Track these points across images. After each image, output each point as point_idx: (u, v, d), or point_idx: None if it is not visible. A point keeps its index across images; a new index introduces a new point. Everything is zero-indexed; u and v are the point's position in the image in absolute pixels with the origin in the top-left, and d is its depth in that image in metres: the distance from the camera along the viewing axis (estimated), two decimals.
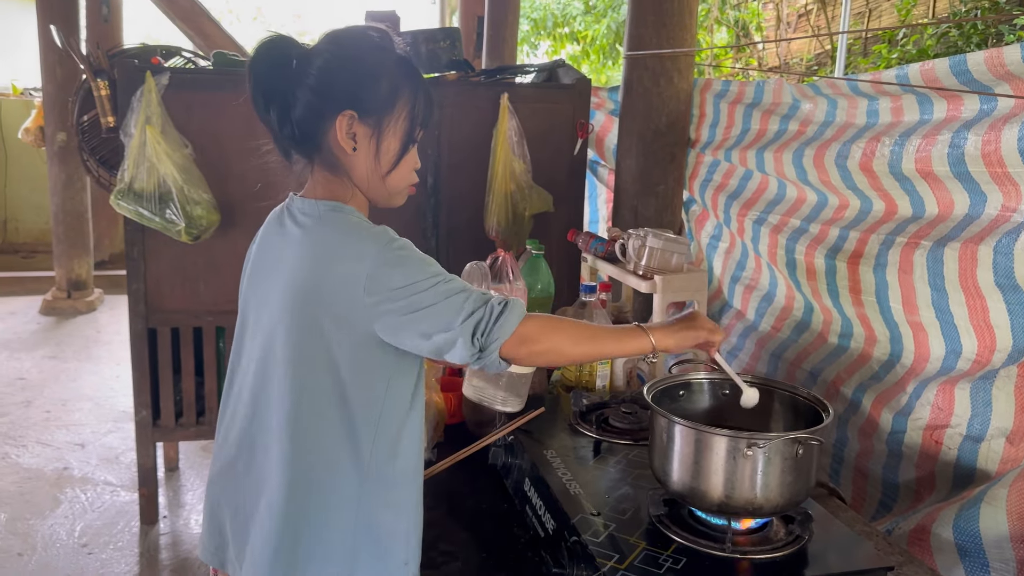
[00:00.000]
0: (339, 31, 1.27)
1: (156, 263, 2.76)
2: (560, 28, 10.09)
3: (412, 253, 1.19)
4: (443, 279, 1.17)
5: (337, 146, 1.24)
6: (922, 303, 1.79)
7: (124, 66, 2.63)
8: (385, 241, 1.18)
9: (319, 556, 1.23)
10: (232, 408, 1.34)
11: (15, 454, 3.65)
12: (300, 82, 1.21)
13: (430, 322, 1.14)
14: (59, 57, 5.53)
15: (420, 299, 1.14)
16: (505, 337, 1.15)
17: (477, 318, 1.14)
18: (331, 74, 1.22)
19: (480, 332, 1.15)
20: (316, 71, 1.21)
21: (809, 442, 1.12)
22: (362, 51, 1.25)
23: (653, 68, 2.70)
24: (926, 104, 1.80)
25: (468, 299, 1.16)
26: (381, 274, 1.15)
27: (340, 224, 1.22)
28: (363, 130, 1.23)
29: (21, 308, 6.12)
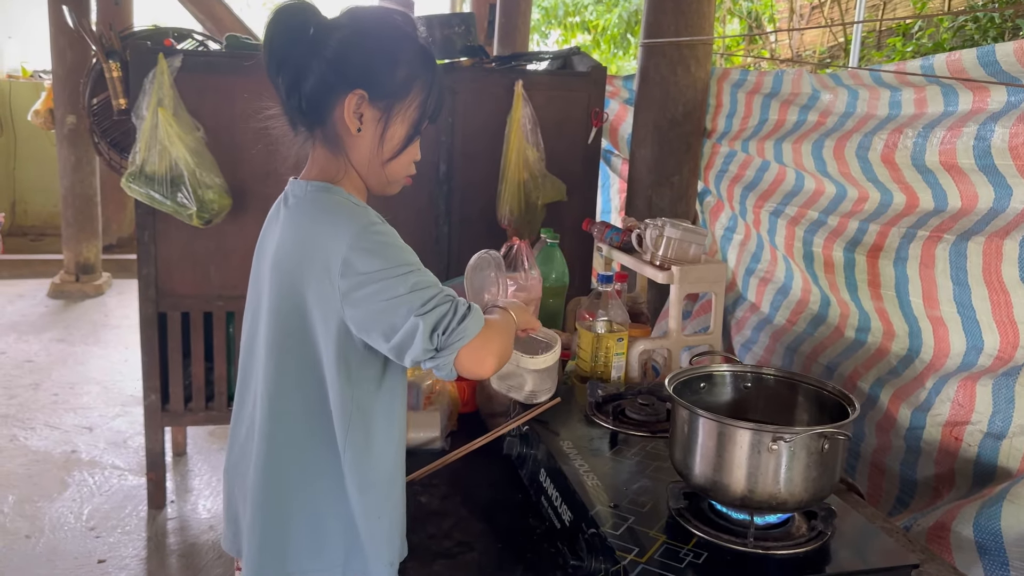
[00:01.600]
0: (363, 8, 1.24)
1: (166, 247, 2.75)
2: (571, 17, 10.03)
3: (390, 239, 1.15)
4: (416, 270, 1.14)
5: (342, 124, 1.21)
6: (943, 297, 1.77)
7: (137, 48, 2.61)
8: (364, 224, 1.14)
9: (307, 551, 1.23)
10: (240, 394, 1.34)
11: (23, 436, 3.65)
12: (316, 53, 1.18)
13: (395, 313, 1.10)
14: (69, 39, 5.51)
15: (391, 286, 1.10)
16: (465, 341, 1.11)
17: (439, 314, 1.11)
18: (348, 50, 1.19)
19: (441, 329, 1.11)
20: (334, 44, 1.18)
21: (836, 436, 1.10)
22: (384, 32, 1.22)
23: (670, 56, 2.67)
24: (951, 95, 1.77)
25: (436, 295, 1.12)
26: (355, 257, 1.11)
27: (323, 204, 1.20)
28: (371, 112, 1.21)
29: (29, 291, 6.12)
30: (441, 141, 2.87)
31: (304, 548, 1.23)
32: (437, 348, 1.11)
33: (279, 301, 1.20)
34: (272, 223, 1.30)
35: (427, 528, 1.41)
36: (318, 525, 1.23)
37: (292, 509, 1.23)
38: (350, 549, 1.24)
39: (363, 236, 1.13)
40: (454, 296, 1.15)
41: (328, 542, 1.24)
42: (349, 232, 1.12)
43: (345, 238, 1.12)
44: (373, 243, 1.13)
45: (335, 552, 1.24)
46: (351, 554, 1.24)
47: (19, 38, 8.00)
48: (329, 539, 1.23)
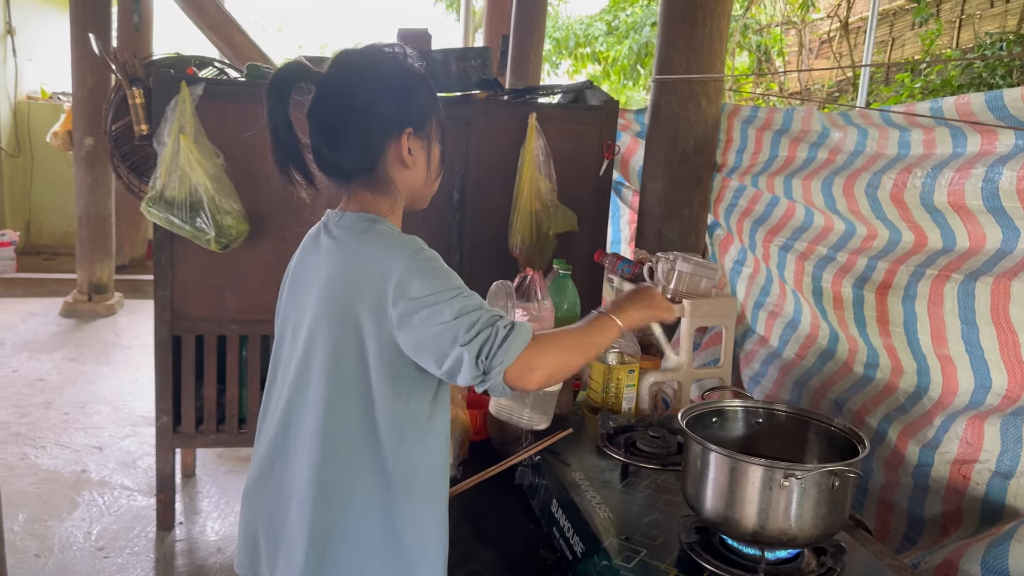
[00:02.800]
0: (357, 54, 1.30)
1: (183, 270, 2.79)
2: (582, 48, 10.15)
3: (438, 264, 1.21)
4: (463, 294, 1.19)
5: (393, 166, 1.29)
6: (951, 336, 1.79)
7: (160, 76, 2.67)
8: (414, 250, 1.21)
9: (345, 568, 1.24)
10: (269, 422, 1.36)
11: (34, 455, 3.68)
12: (338, 112, 1.25)
13: (443, 340, 1.15)
14: (90, 64, 5.61)
15: (439, 311, 1.15)
16: (508, 363, 1.15)
17: (483, 339, 1.15)
18: (379, 99, 1.25)
19: (484, 355, 1.15)
20: (364, 97, 1.25)
21: (846, 474, 1.12)
22: (397, 70, 1.30)
23: (681, 92, 2.72)
24: (959, 137, 1.80)
25: (479, 319, 1.16)
26: (406, 282, 1.17)
27: (372, 234, 1.25)
28: (417, 143, 1.30)
29: (42, 309, 6.17)
30: (455, 171, 2.91)
31: (351, 569, 1.24)
32: (484, 372, 1.15)
33: (333, 326, 1.23)
34: (311, 253, 1.34)
35: None
36: (365, 544, 1.24)
37: (340, 532, 1.24)
38: (397, 566, 1.25)
39: (414, 261, 1.19)
40: (498, 317, 1.18)
41: (374, 560, 1.25)
42: (402, 258, 1.19)
43: (399, 264, 1.18)
44: (423, 268, 1.19)
45: (374, 568, 1.25)
46: (389, 571, 1.25)
47: (39, 60, 8.12)
48: (375, 557, 1.25)
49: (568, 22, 10.59)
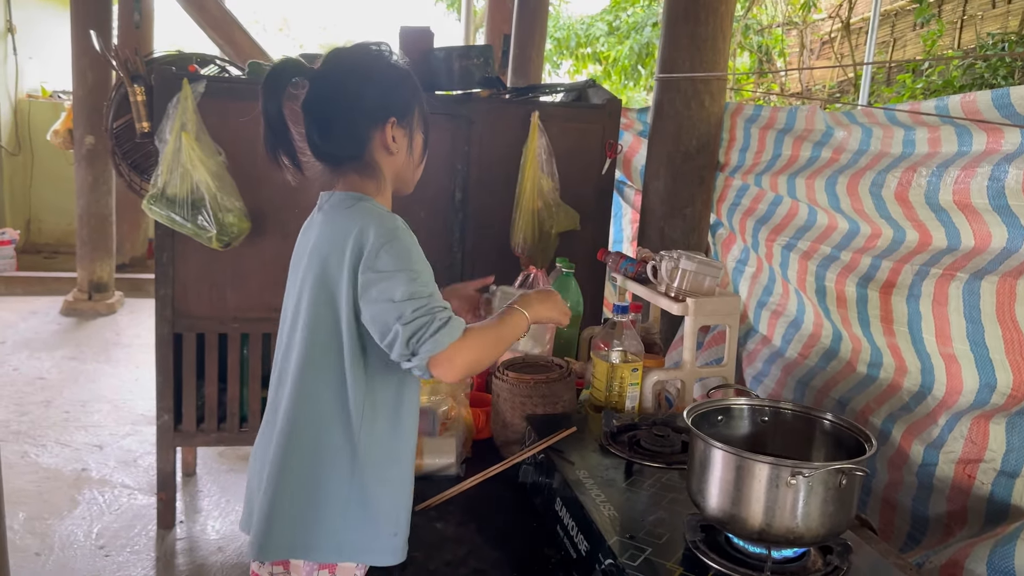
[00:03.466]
0: (346, 51, 1.44)
1: (184, 269, 2.78)
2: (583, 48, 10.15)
3: (407, 244, 1.32)
4: (420, 279, 1.30)
5: (379, 151, 1.42)
6: (956, 335, 1.78)
7: (162, 73, 2.67)
8: (390, 227, 1.32)
9: (311, 518, 1.35)
10: (270, 386, 1.48)
11: (34, 453, 3.67)
12: (328, 103, 1.38)
13: (388, 315, 1.27)
14: (91, 61, 5.60)
15: (392, 288, 1.27)
16: (434, 352, 1.27)
17: (418, 325, 1.26)
18: (364, 91, 1.39)
19: (416, 339, 1.26)
20: (352, 90, 1.38)
21: (853, 472, 1.11)
22: (380, 64, 1.43)
23: (685, 91, 2.71)
24: (965, 136, 1.80)
25: (424, 306, 1.27)
26: (375, 254, 1.29)
27: (356, 208, 1.37)
28: (400, 132, 1.43)
29: (42, 308, 6.16)
30: (457, 169, 2.91)
31: (308, 517, 1.36)
32: (412, 353, 1.27)
33: (314, 291, 1.36)
34: (307, 231, 1.47)
35: (443, 554, 1.42)
36: (324, 497, 1.35)
37: (302, 481, 1.36)
38: (352, 521, 1.36)
39: (387, 237, 1.30)
40: (440, 308, 1.29)
41: (329, 511, 1.35)
42: (375, 233, 1.30)
43: (372, 236, 1.30)
44: (393, 245, 1.30)
45: (335, 520, 1.36)
46: (352, 525, 1.36)
47: (40, 58, 8.12)
48: (331, 508, 1.35)
49: (569, 22, 10.59)
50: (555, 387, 1.83)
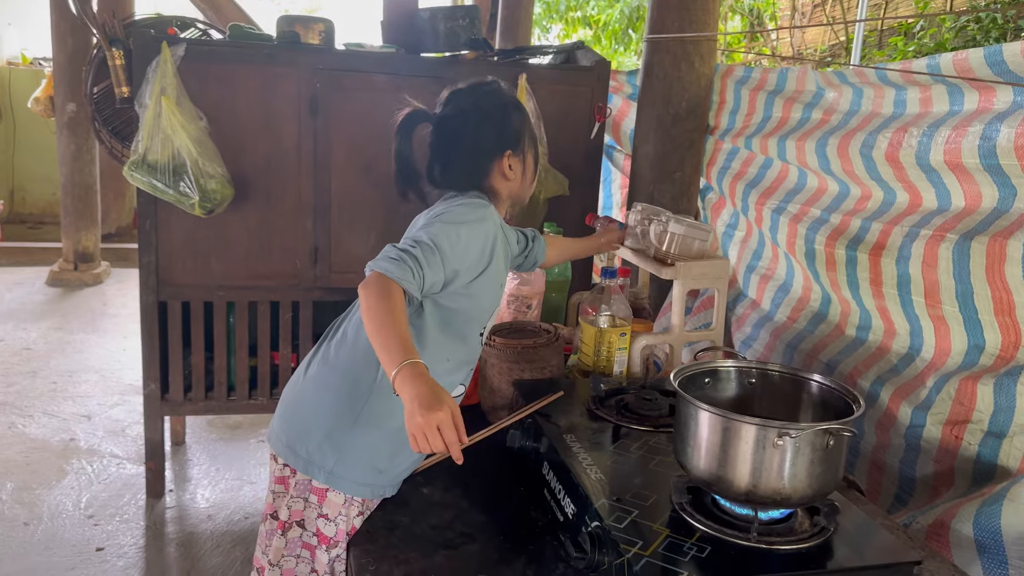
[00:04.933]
0: (465, 90, 1.64)
1: (168, 236, 2.74)
2: (573, 12, 10.01)
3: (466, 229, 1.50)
4: (437, 245, 1.44)
5: (499, 178, 1.63)
6: (945, 297, 1.77)
7: (140, 36, 2.60)
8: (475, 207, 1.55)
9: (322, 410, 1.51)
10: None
11: (21, 424, 3.65)
12: (452, 143, 1.61)
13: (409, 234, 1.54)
14: (71, 27, 5.50)
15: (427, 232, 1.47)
16: (372, 266, 1.39)
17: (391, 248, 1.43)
18: (482, 129, 1.60)
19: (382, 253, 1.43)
20: (465, 130, 1.60)
21: (840, 433, 1.10)
22: (492, 101, 1.64)
23: (675, 52, 2.67)
24: (957, 95, 1.77)
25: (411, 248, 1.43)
26: (439, 212, 1.53)
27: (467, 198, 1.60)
28: (515, 160, 1.65)
29: (28, 278, 6.11)
30: None
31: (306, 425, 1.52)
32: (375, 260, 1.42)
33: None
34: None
35: (429, 519, 1.42)
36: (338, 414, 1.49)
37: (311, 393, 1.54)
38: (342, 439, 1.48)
39: (462, 210, 1.53)
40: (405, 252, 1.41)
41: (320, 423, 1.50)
42: (461, 202, 1.56)
43: (452, 205, 1.55)
44: (458, 215, 1.51)
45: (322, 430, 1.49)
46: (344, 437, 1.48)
47: (19, 25, 7.97)
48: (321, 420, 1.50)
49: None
50: (542, 352, 1.82)
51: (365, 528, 1.42)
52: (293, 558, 1.52)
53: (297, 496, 1.51)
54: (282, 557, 1.52)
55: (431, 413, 1.18)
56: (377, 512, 1.46)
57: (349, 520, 1.46)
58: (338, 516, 1.47)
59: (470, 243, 1.49)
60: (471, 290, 1.53)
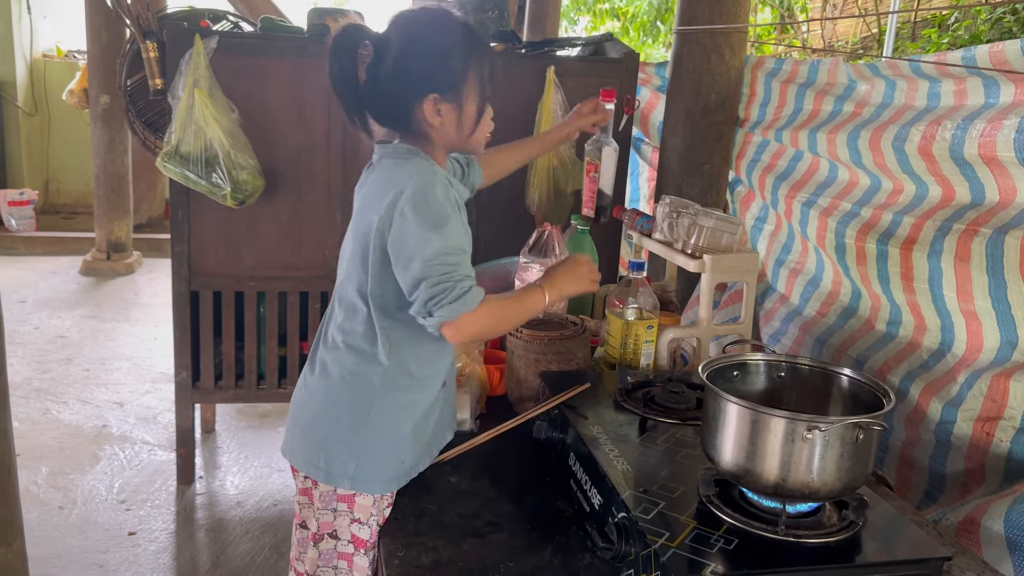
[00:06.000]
0: (406, 15, 1.42)
1: (200, 226, 2.78)
2: (600, 3, 9.96)
3: (443, 206, 1.35)
4: (450, 242, 1.33)
5: (424, 122, 1.41)
6: (978, 292, 1.75)
7: (173, 28, 2.64)
8: (428, 181, 1.35)
9: (333, 417, 1.46)
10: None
11: (56, 410, 3.72)
12: (380, 73, 1.38)
13: (413, 271, 1.32)
14: (104, 20, 5.57)
15: (423, 246, 1.31)
16: (447, 319, 1.32)
17: (438, 290, 1.31)
18: (408, 62, 1.38)
19: (433, 302, 1.31)
20: (393, 61, 1.37)
21: (871, 427, 1.10)
22: (431, 32, 1.40)
23: (705, 44, 2.66)
24: (992, 87, 1.75)
25: (448, 272, 1.32)
26: (409, 209, 1.33)
27: (403, 161, 1.42)
28: (446, 106, 1.41)
29: (62, 268, 6.21)
30: None
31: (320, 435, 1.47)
32: (429, 314, 1.33)
33: (356, 237, 1.43)
34: (361, 186, 1.51)
35: (456, 507, 1.43)
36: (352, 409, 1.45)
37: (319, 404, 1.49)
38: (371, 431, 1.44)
39: (421, 191, 1.34)
40: (462, 278, 1.33)
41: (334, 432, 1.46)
42: (415, 182, 1.35)
43: (409, 187, 1.34)
44: (426, 201, 1.33)
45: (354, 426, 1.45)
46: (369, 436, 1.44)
47: (54, 18, 8.07)
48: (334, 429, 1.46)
49: None
50: (569, 344, 1.82)
51: (393, 515, 1.44)
52: (330, 569, 1.49)
53: (324, 508, 1.48)
54: (318, 568, 1.49)
55: (576, 269, 1.56)
56: (405, 499, 1.48)
57: (381, 514, 1.46)
58: (370, 518, 1.45)
59: (454, 223, 1.37)
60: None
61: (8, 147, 7.60)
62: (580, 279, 1.56)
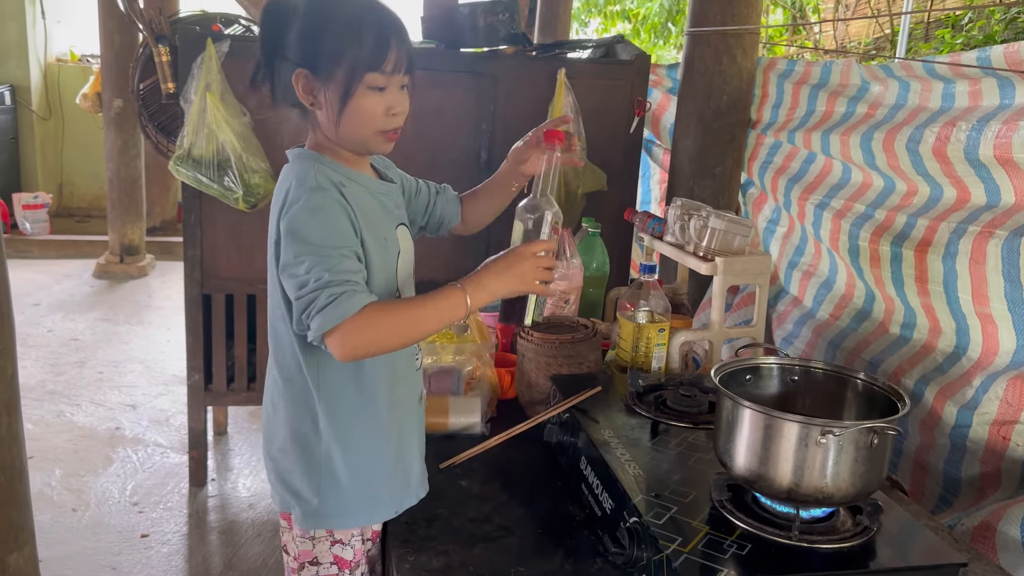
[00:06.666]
0: None
1: (212, 230, 2.79)
2: (611, 5, 9.95)
3: (316, 217, 1.21)
4: (318, 254, 1.19)
5: (306, 100, 1.27)
6: (994, 295, 1.73)
7: (185, 33, 2.65)
8: (305, 189, 1.23)
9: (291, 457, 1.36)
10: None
11: (69, 412, 3.74)
12: (278, 44, 1.26)
13: (290, 285, 1.22)
14: (117, 24, 5.60)
15: (293, 257, 1.20)
16: (322, 329, 1.17)
17: (308, 300, 1.18)
18: (295, 33, 1.24)
19: (306, 313, 1.19)
20: (290, 33, 1.24)
21: (885, 431, 1.09)
22: (319, 5, 1.24)
23: (716, 45, 2.65)
24: (1007, 88, 1.73)
25: (316, 281, 1.18)
26: (284, 225, 1.22)
27: (289, 168, 1.31)
28: (316, 85, 1.25)
29: (75, 271, 6.25)
30: (482, 129, 2.87)
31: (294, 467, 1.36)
32: (308, 327, 1.20)
33: (270, 249, 1.30)
34: None
35: (467, 511, 1.43)
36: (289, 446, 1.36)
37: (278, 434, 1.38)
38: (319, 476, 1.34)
39: (299, 202, 1.22)
40: (335, 283, 1.18)
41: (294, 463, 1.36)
42: (289, 197, 1.24)
43: (289, 198, 1.23)
44: (305, 210, 1.21)
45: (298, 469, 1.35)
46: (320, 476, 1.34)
47: (68, 22, 8.13)
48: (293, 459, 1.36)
49: None
50: (580, 347, 1.81)
51: (404, 519, 1.44)
52: None
53: (302, 536, 1.39)
54: None
55: (516, 264, 1.29)
56: (416, 505, 1.47)
57: (369, 530, 1.43)
58: (352, 538, 1.40)
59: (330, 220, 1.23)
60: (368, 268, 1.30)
61: (23, 151, 7.66)
62: (520, 276, 1.29)
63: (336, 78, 1.23)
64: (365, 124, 1.28)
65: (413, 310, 1.26)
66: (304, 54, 1.23)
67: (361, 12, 1.25)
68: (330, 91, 1.24)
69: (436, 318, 1.27)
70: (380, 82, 1.25)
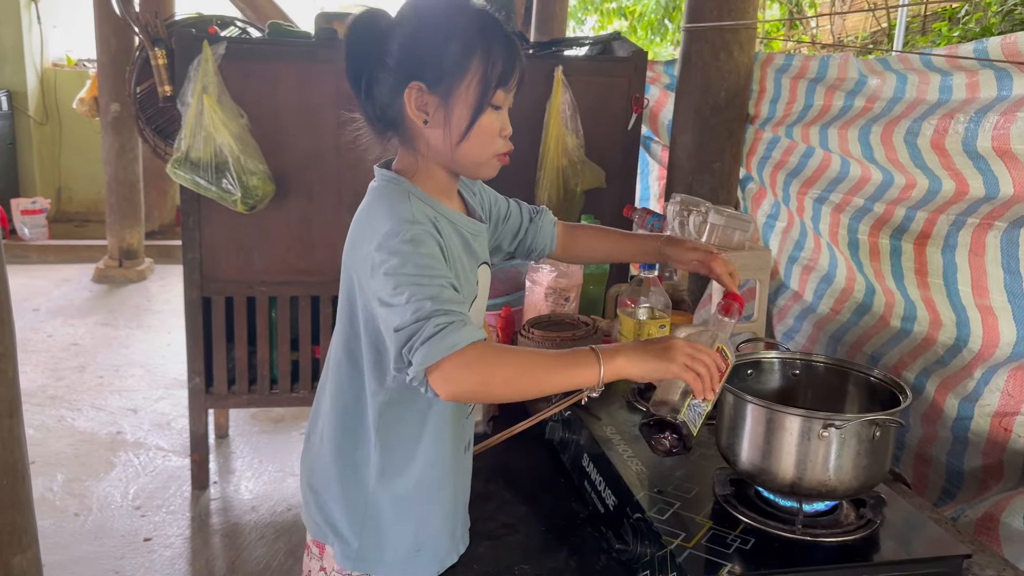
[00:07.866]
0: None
1: (211, 232, 2.79)
2: (608, 3, 9.96)
3: (415, 248, 1.10)
4: (419, 284, 1.07)
5: (411, 120, 1.17)
6: (993, 286, 1.73)
7: (182, 35, 2.65)
8: (397, 224, 1.11)
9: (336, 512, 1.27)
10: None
11: (71, 417, 3.74)
12: (378, 58, 1.15)
13: (388, 320, 1.08)
14: (113, 28, 5.60)
15: (391, 290, 1.07)
16: (428, 362, 1.04)
17: (411, 332, 1.05)
18: (403, 46, 1.14)
19: (407, 347, 1.06)
20: (396, 45, 1.14)
21: (887, 424, 1.09)
22: (431, 17, 1.16)
23: (713, 41, 2.64)
24: (1005, 79, 1.73)
25: (418, 311, 1.05)
26: (379, 257, 1.09)
27: (380, 196, 1.20)
28: (433, 100, 1.15)
29: (74, 275, 6.25)
30: None
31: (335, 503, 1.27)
32: (409, 363, 1.07)
33: (344, 282, 1.23)
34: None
35: (471, 510, 1.42)
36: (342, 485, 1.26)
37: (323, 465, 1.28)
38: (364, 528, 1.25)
39: (391, 238, 1.10)
40: (439, 313, 1.05)
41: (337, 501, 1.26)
42: (383, 230, 1.11)
43: (379, 235, 1.11)
44: (398, 246, 1.09)
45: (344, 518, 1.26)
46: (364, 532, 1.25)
47: (64, 27, 8.12)
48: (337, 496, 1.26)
49: None
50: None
51: None
52: None
53: (339, 572, 1.29)
54: None
55: (670, 347, 1.14)
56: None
57: None
58: None
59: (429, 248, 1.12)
60: None
61: (20, 156, 7.66)
62: (671, 357, 1.14)
63: (459, 94, 1.14)
64: (486, 145, 1.20)
65: (535, 358, 1.13)
66: (419, 67, 1.14)
67: (487, 23, 1.16)
68: (453, 108, 1.15)
69: (560, 375, 1.11)
70: (500, 100, 1.18)
